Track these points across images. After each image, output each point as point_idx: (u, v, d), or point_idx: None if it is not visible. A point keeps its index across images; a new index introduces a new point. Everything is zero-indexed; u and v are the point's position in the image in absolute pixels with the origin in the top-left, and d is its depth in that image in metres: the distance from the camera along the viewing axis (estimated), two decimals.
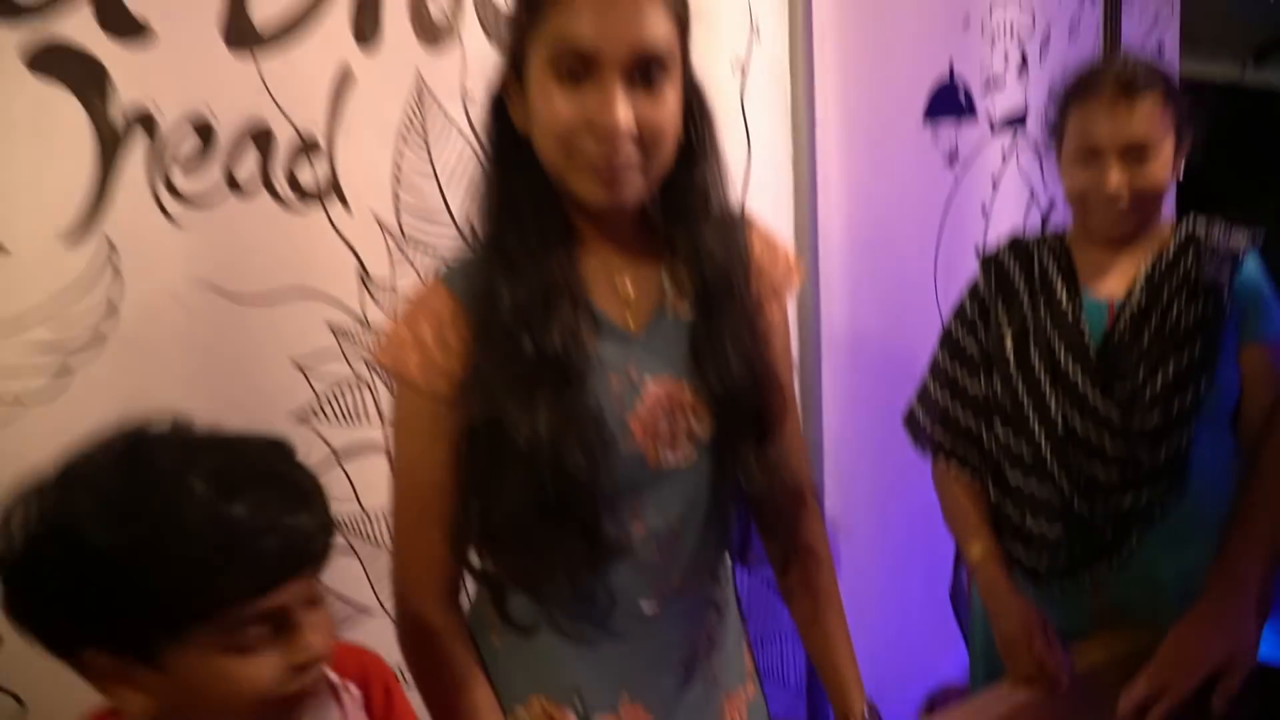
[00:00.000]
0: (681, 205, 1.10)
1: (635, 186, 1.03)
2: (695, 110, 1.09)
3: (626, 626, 1.13)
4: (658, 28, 0.99)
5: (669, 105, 1.02)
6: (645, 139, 1.00)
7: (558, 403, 1.01)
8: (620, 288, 1.11)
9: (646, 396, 1.08)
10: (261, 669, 0.82)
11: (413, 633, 1.13)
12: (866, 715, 1.23)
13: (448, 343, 1.05)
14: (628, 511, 1.09)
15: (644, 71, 0.99)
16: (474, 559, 1.14)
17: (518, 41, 1.04)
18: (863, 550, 2.27)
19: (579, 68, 0.98)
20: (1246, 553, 1.38)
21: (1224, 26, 4.20)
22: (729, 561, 1.24)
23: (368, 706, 0.98)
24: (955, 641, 1.82)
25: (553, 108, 0.99)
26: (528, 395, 1.01)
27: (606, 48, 0.97)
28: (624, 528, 1.09)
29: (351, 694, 0.97)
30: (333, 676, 0.96)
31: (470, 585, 1.18)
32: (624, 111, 0.98)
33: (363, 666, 1.00)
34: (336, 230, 1.58)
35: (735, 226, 1.16)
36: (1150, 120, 1.46)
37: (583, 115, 0.99)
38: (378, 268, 1.62)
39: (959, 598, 1.74)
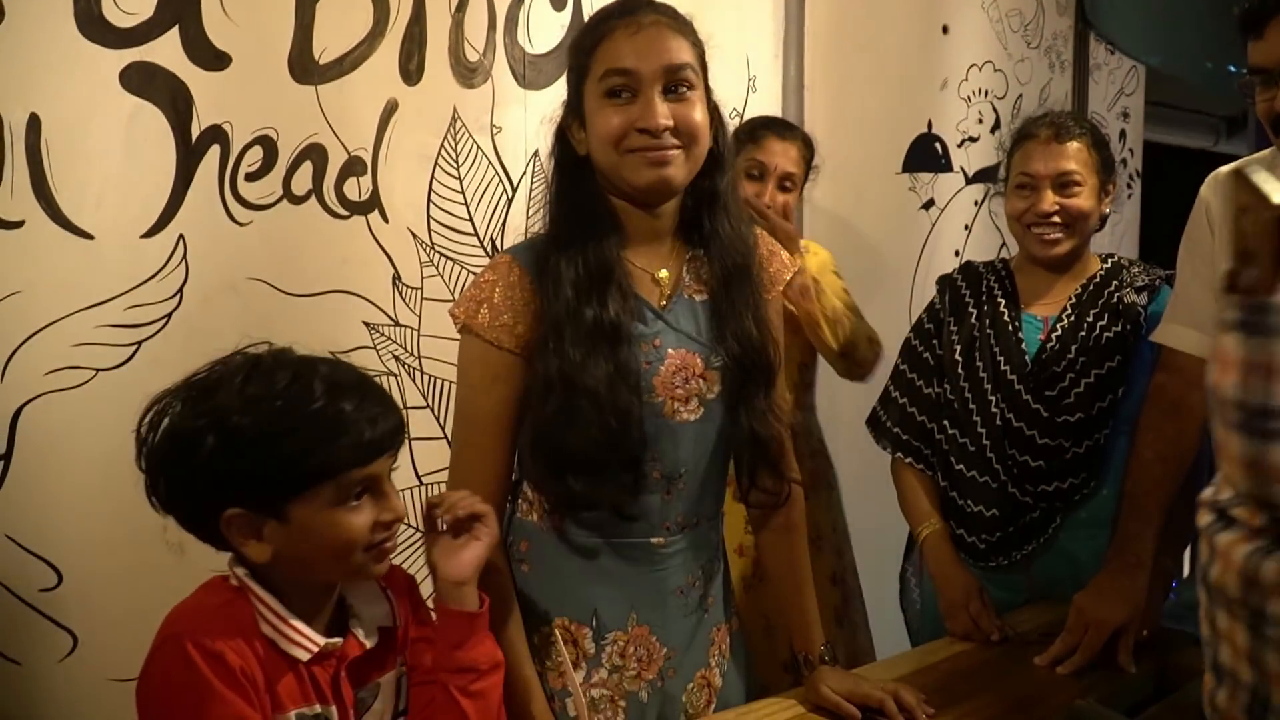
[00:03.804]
0: (707, 205, 1.36)
1: (678, 170, 1.29)
2: (716, 128, 1.35)
3: (638, 556, 1.36)
4: (682, 51, 1.28)
5: (698, 108, 1.29)
6: (681, 130, 1.27)
7: (612, 358, 1.26)
8: (653, 274, 1.35)
9: (668, 362, 1.32)
10: (361, 518, 1.07)
11: None
12: (825, 651, 1.44)
13: (512, 302, 1.30)
14: (648, 456, 1.32)
15: (674, 86, 1.27)
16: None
17: (576, 83, 1.33)
18: None
19: (624, 87, 1.26)
20: (1135, 530, 1.58)
21: (1199, 100, 4.46)
22: (721, 510, 1.46)
23: (400, 605, 1.20)
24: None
25: (608, 120, 1.27)
26: (590, 351, 1.26)
27: (643, 66, 1.26)
28: (645, 469, 1.32)
29: (391, 596, 1.20)
30: (380, 582, 1.19)
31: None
32: (663, 110, 1.25)
33: (393, 575, 1.22)
34: (375, 239, 1.80)
35: (747, 224, 1.41)
36: (1078, 158, 1.72)
37: (630, 120, 1.26)
38: (409, 273, 1.84)
39: (905, 579, 1.95)
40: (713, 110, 1.34)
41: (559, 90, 1.95)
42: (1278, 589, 0.64)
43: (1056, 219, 1.72)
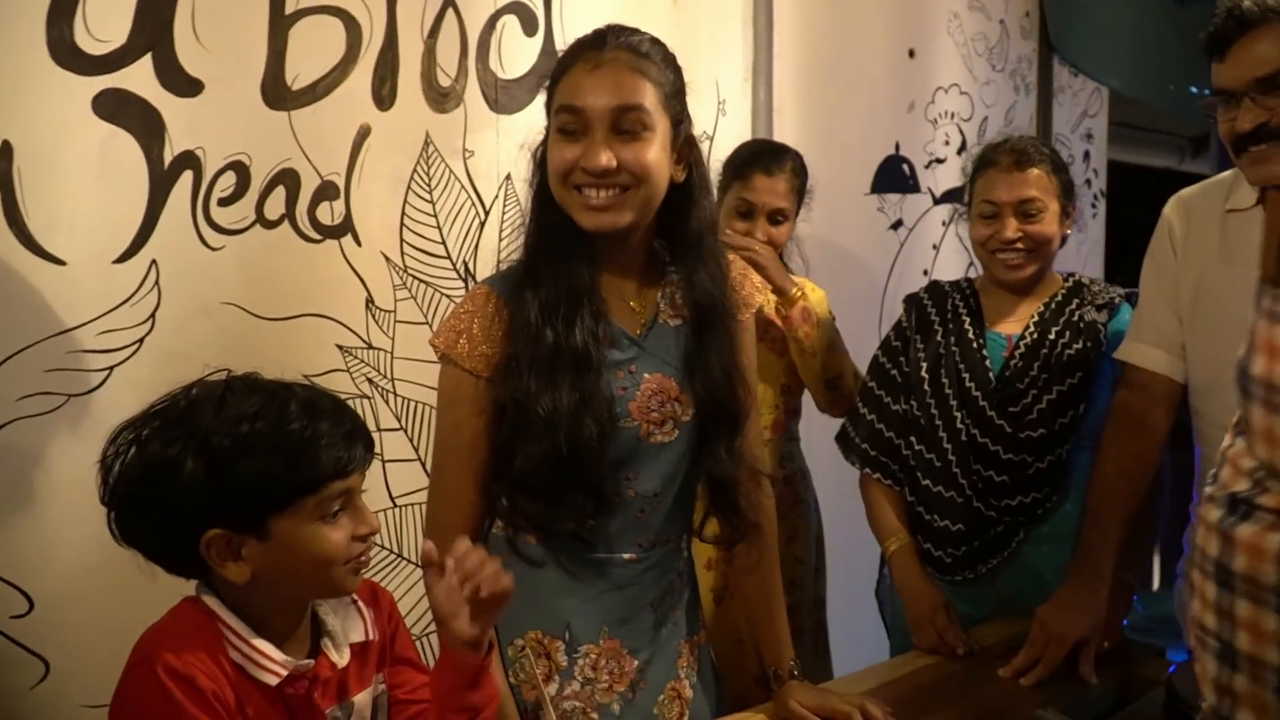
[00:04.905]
0: (681, 240, 1.38)
1: (621, 215, 1.30)
2: (692, 162, 1.37)
3: (610, 572, 1.38)
4: (637, 92, 1.28)
5: (649, 149, 1.29)
6: (628, 173, 1.28)
7: (576, 386, 1.28)
8: (628, 302, 1.37)
9: (644, 387, 1.34)
10: (340, 532, 1.11)
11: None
12: (795, 666, 1.46)
13: (490, 332, 1.32)
14: (624, 476, 1.35)
15: (626, 126, 1.28)
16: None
17: (548, 117, 1.35)
18: None
19: (575, 125, 1.28)
20: (1096, 544, 1.62)
21: (1163, 121, 4.54)
22: (690, 528, 1.48)
23: (378, 621, 1.22)
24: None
25: (559, 154, 1.30)
26: (549, 378, 1.28)
27: (592, 105, 1.27)
28: (620, 489, 1.35)
29: (366, 611, 1.21)
30: (355, 596, 1.20)
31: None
32: (606, 153, 1.26)
33: (374, 592, 1.24)
34: (348, 262, 1.81)
35: (720, 255, 1.43)
36: (1039, 184, 1.76)
37: (576, 159, 1.28)
38: (382, 296, 1.86)
39: (883, 595, 1.98)
40: (687, 141, 1.36)
41: (530, 114, 1.98)
42: None
43: (1020, 245, 1.76)
